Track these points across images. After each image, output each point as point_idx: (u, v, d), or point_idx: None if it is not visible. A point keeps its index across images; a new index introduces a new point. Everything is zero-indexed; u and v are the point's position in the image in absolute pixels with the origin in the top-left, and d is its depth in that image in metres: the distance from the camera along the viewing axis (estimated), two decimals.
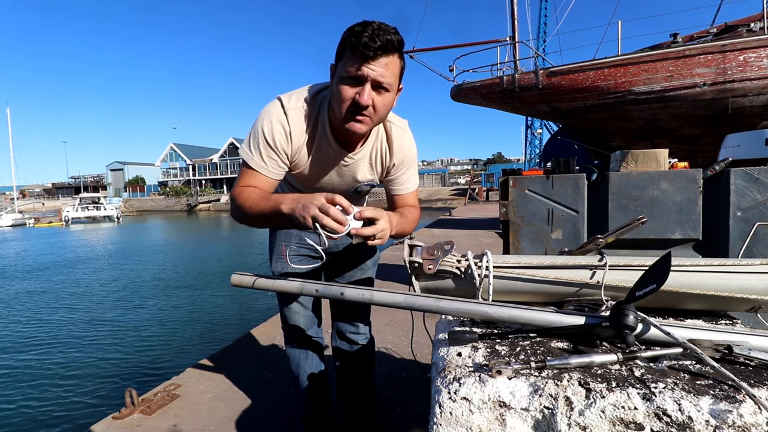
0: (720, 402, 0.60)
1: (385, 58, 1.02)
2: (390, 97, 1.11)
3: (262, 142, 1.19)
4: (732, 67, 6.81)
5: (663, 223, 2.24)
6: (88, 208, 35.41)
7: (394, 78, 1.07)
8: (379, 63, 1.02)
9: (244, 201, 1.15)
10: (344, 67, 1.05)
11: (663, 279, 0.79)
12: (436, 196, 40.74)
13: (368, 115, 1.09)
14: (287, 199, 1.04)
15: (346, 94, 1.06)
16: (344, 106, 1.08)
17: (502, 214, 2.59)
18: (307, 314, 1.62)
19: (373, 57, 1.01)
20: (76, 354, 5.64)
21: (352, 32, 1.02)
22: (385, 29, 1.01)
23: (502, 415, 0.68)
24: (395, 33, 1.02)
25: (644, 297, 0.80)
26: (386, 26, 1.02)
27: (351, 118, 1.09)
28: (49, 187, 78.89)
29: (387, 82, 1.06)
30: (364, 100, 1.05)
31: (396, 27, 1.05)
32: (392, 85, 1.08)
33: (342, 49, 1.06)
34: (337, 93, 1.08)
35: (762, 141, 4.06)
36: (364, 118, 1.09)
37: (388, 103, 1.12)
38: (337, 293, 1.08)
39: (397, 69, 1.08)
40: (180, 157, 62.21)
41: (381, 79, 1.04)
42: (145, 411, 2.17)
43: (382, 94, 1.08)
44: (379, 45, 1.00)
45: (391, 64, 1.05)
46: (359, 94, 1.05)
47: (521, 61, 9.30)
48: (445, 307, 0.94)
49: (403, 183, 1.38)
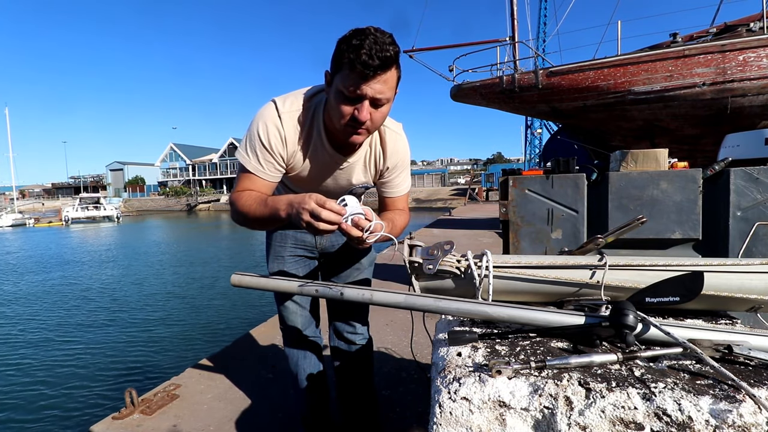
0: (720, 402, 0.60)
1: (383, 74, 1.02)
2: (387, 108, 1.12)
3: (258, 146, 1.19)
4: (732, 67, 6.81)
5: (663, 223, 2.24)
6: (87, 208, 35.42)
7: (391, 91, 1.09)
8: (378, 80, 1.02)
9: (242, 206, 1.17)
10: (342, 83, 1.04)
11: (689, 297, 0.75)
12: (436, 196, 40.74)
13: (366, 128, 1.11)
14: (282, 204, 1.06)
15: (345, 110, 1.07)
16: (342, 121, 1.09)
17: (502, 214, 2.59)
18: (305, 314, 1.62)
19: (372, 75, 1.01)
20: (76, 354, 5.64)
21: (348, 46, 0.99)
22: (381, 42, 0.98)
23: (502, 415, 0.68)
24: (392, 44, 1.00)
25: (658, 306, 0.78)
26: (382, 37, 0.99)
27: (350, 132, 1.11)
28: (48, 188, 78.88)
29: (385, 97, 1.07)
30: (363, 116, 1.06)
31: (392, 34, 1.03)
32: (390, 98, 1.09)
33: (338, 61, 1.04)
34: (336, 107, 1.09)
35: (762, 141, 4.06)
36: (361, 131, 1.11)
37: (385, 114, 1.14)
38: (337, 293, 1.08)
39: (394, 81, 1.08)
40: (180, 157, 62.20)
41: (379, 96, 1.05)
42: (145, 411, 2.17)
43: (380, 108, 1.09)
44: (378, 64, 0.99)
45: (389, 79, 1.05)
46: (358, 111, 1.05)
47: (521, 61, 9.30)
48: (445, 307, 0.94)
49: (396, 186, 1.39)
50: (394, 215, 1.33)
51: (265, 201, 1.13)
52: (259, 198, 1.16)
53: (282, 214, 1.05)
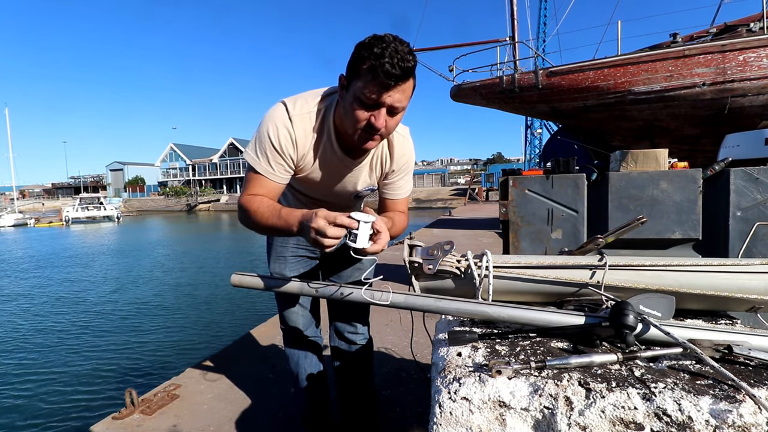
0: (720, 402, 0.60)
1: (403, 84, 1.04)
2: (401, 115, 1.13)
3: (268, 147, 1.18)
4: (732, 67, 6.81)
5: (663, 223, 2.24)
6: (87, 208, 35.42)
7: (407, 100, 1.10)
8: (398, 90, 1.04)
9: (255, 212, 1.16)
10: (362, 90, 1.04)
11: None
12: (436, 196, 40.74)
13: (380, 135, 1.12)
14: (295, 220, 1.08)
15: (361, 116, 1.07)
16: (358, 126, 1.09)
17: (502, 214, 2.59)
18: (306, 314, 1.63)
19: (393, 85, 1.02)
20: (76, 354, 5.63)
21: (371, 54, 1.00)
22: (402, 52, 0.99)
23: (502, 415, 0.68)
24: (411, 54, 1.02)
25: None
26: (402, 47, 1.00)
27: (364, 138, 1.12)
28: (48, 188, 78.88)
29: (402, 106, 1.08)
30: (379, 124, 1.07)
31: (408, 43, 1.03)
32: (405, 106, 1.11)
33: (357, 67, 1.04)
34: (351, 113, 1.09)
35: (762, 141, 4.05)
36: (376, 137, 1.12)
37: (398, 121, 1.15)
38: (337, 293, 1.08)
39: (411, 90, 1.10)
40: (180, 158, 62.18)
41: (397, 105, 1.07)
42: (145, 411, 2.17)
43: (395, 115, 1.10)
44: (400, 74, 1.00)
45: (407, 89, 1.07)
46: (374, 118, 1.06)
47: (521, 61, 9.30)
48: (445, 307, 0.94)
49: (398, 188, 1.39)
50: (393, 215, 1.33)
51: (279, 213, 1.12)
52: (272, 208, 1.15)
53: (294, 229, 1.08)
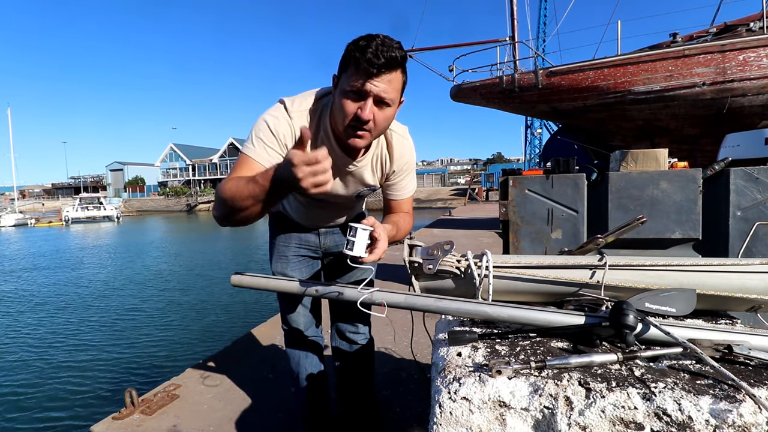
0: (720, 402, 0.60)
1: (388, 74, 1.03)
2: (391, 111, 1.12)
3: (264, 133, 1.14)
4: (731, 67, 6.81)
5: (663, 223, 2.24)
6: (87, 208, 35.42)
7: (396, 93, 1.09)
8: (382, 79, 1.03)
9: (226, 190, 0.99)
10: (348, 81, 1.05)
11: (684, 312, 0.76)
12: (436, 196, 40.74)
13: (368, 129, 1.10)
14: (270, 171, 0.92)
15: (349, 108, 1.07)
16: (346, 120, 1.09)
17: (502, 214, 2.59)
18: (307, 314, 1.63)
19: (376, 73, 1.02)
20: (76, 354, 5.63)
21: (356, 47, 1.02)
22: (388, 45, 1.01)
23: (502, 415, 0.68)
24: (399, 48, 1.03)
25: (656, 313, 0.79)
26: (390, 41, 1.02)
27: (352, 132, 1.11)
28: (48, 188, 78.88)
29: (389, 98, 1.07)
30: (365, 115, 1.06)
31: (400, 42, 1.05)
32: (394, 100, 1.09)
33: (345, 62, 1.06)
34: (340, 106, 1.09)
35: (762, 141, 4.05)
36: (364, 132, 1.10)
37: (389, 117, 1.13)
38: (337, 293, 1.08)
39: (399, 84, 1.09)
40: (180, 158, 62.17)
41: (383, 95, 1.05)
42: (145, 411, 2.17)
43: (384, 109, 1.09)
44: (383, 62, 1.00)
45: (394, 80, 1.06)
46: (361, 109, 1.06)
47: (521, 61, 9.28)
48: (445, 307, 0.94)
49: (401, 189, 1.39)
50: (399, 218, 1.33)
51: (252, 177, 0.96)
52: (246, 178, 0.98)
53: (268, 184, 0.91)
